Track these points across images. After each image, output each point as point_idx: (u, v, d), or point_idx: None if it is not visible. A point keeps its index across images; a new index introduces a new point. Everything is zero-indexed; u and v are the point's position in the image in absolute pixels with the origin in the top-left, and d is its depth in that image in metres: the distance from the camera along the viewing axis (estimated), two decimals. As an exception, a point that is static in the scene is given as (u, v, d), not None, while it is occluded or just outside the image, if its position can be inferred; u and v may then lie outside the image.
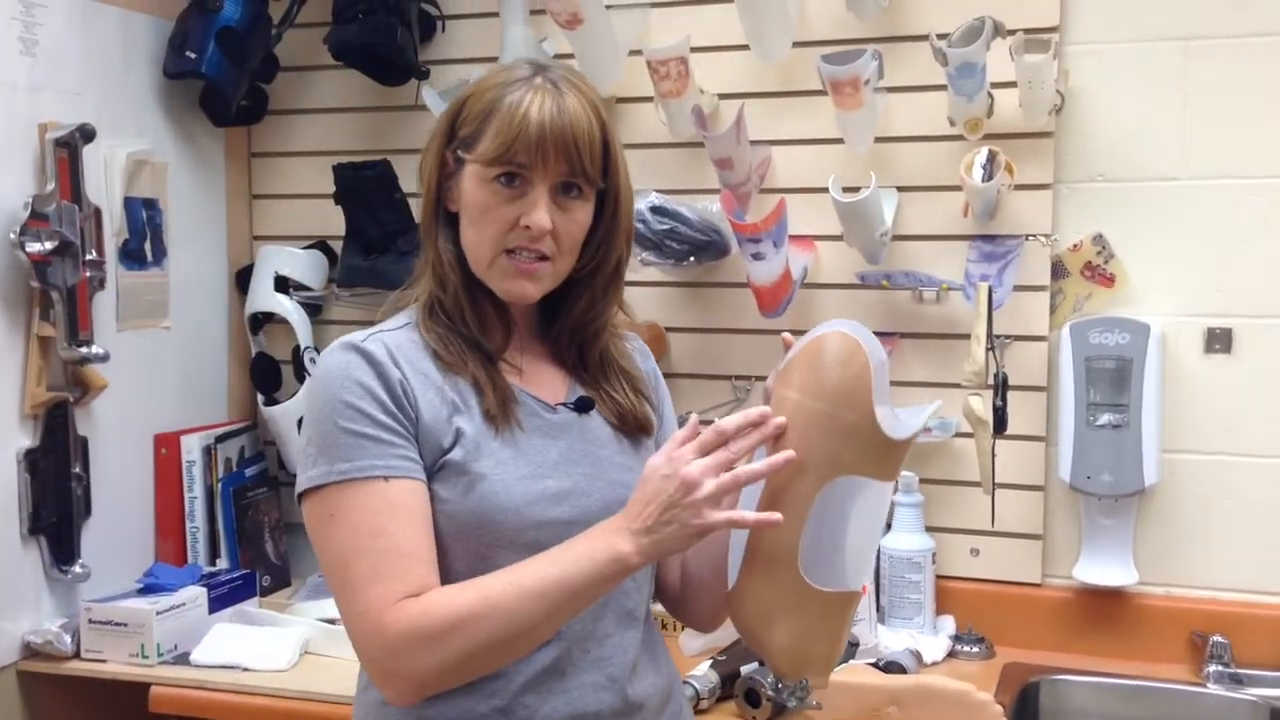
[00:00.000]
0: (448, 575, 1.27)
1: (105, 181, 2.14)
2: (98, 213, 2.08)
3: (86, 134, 2.03)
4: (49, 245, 1.96)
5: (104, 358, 2.05)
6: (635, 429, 1.40)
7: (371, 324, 1.37)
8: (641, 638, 1.36)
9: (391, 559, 1.23)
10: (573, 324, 1.38)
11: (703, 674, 1.80)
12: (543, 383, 1.37)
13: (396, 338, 1.31)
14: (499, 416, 1.30)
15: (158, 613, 1.97)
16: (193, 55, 2.23)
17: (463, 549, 1.28)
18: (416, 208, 2.33)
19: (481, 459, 1.28)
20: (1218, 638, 1.96)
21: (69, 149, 2.01)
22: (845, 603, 1.24)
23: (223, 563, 2.33)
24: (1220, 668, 1.95)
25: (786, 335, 1.34)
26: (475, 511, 1.27)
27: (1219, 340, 2.03)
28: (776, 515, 1.20)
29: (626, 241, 1.40)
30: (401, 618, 1.20)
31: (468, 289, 1.34)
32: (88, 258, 2.03)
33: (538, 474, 1.30)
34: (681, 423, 2.14)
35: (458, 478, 1.27)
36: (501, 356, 1.35)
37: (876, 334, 2.16)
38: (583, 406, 1.37)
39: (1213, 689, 1.93)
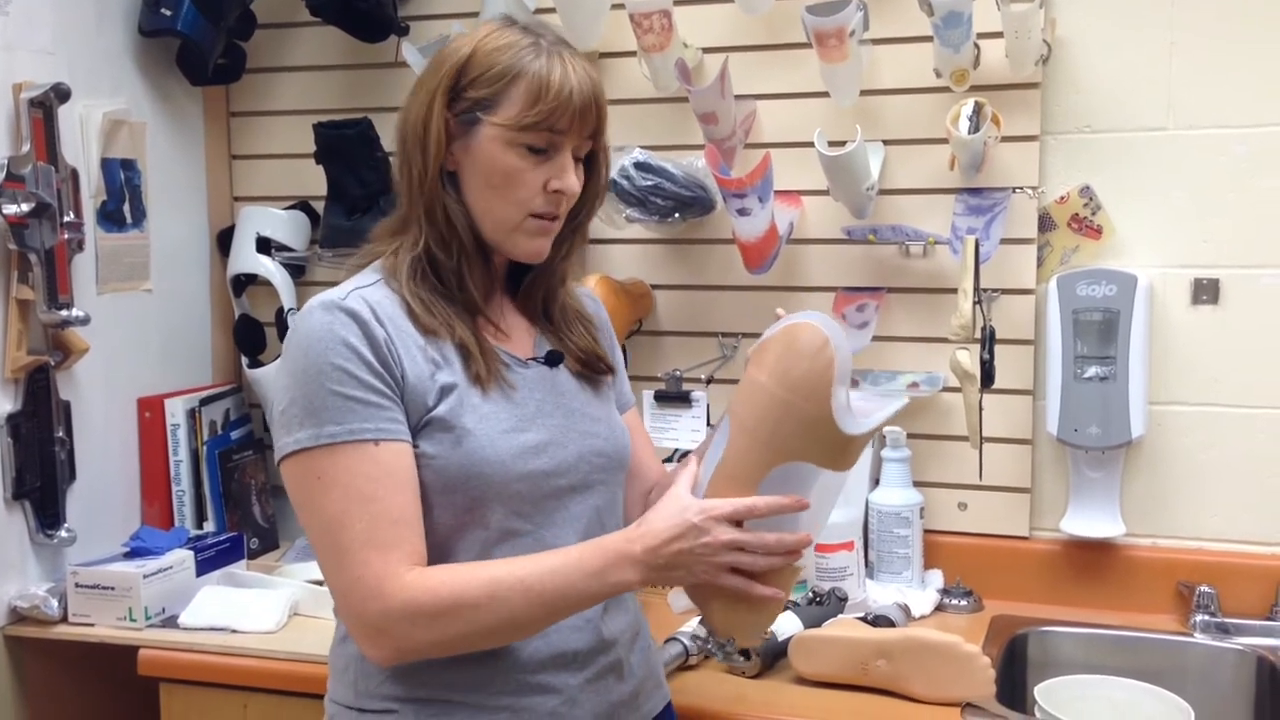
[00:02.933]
0: (433, 530, 1.30)
1: (82, 142, 2.11)
2: (74, 174, 2.06)
3: (61, 94, 1.99)
4: (25, 207, 1.93)
5: (85, 320, 2.03)
6: (598, 369, 1.47)
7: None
8: None
9: (386, 526, 1.25)
10: (545, 274, 1.44)
11: (692, 630, 1.80)
12: (515, 338, 1.41)
13: (374, 294, 1.32)
14: (486, 378, 1.33)
15: (145, 576, 1.96)
16: (168, 12, 2.20)
17: (449, 503, 1.30)
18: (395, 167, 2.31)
19: (465, 414, 1.30)
20: (1204, 587, 1.97)
21: (44, 109, 1.98)
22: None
23: (210, 526, 2.32)
24: (1207, 617, 1.96)
25: (779, 310, 1.41)
26: (463, 466, 1.29)
27: (1206, 291, 2.02)
28: (780, 594, 1.30)
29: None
30: (404, 589, 1.23)
31: (476, 251, 1.37)
32: (65, 219, 2.01)
33: (518, 427, 1.34)
34: (674, 379, 2.15)
35: (444, 434, 1.29)
36: (484, 314, 1.38)
37: (864, 289, 2.18)
38: (553, 360, 1.42)
39: (1200, 638, 1.94)
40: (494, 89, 1.31)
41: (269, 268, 2.36)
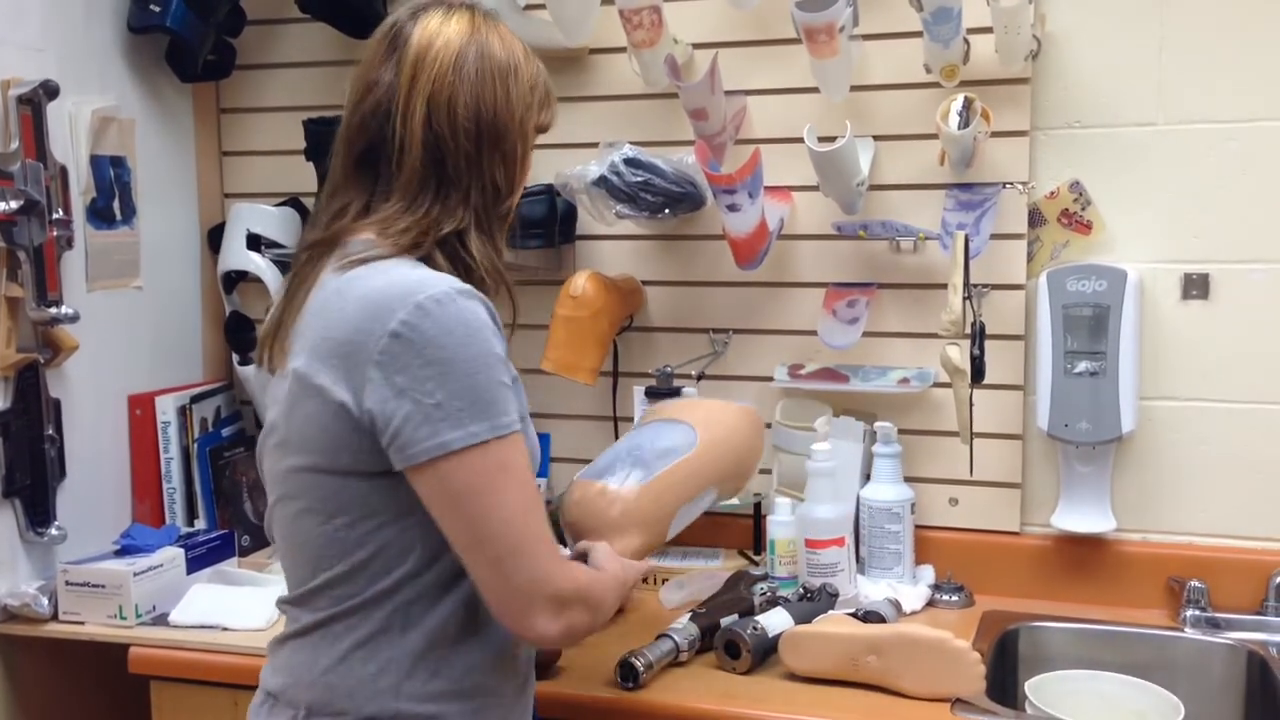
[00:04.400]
0: None
1: (71, 139, 2.10)
2: (64, 171, 2.05)
3: (50, 91, 1.99)
4: (14, 204, 1.93)
5: (74, 318, 2.02)
6: None
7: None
8: None
9: (544, 514, 1.32)
10: None
11: (682, 626, 1.80)
12: None
13: None
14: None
15: (135, 574, 1.96)
16: (157, 9, 2.19)
17: None
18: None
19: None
20: (1195, 582, 1.97)
21: (32, 106, 1.97)
22: (662, 539, 1.66)
23: (201, 523, 2.32)
24: (1197, 612, 1.96)
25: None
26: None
27: (1196, 286, 2.02)
28: None
29: None
30: (576, 573, 1.36)
31: None
32: (54, 217, 2.01)
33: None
34: (665, 375, 2.16)
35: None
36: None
37: (854, 284, 2.19)
38: None
39: (1190, 633, 1.94)
40: (536, 94, 1.41)
41: (260, 264, 2.35)
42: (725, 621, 1.81)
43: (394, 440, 1.25)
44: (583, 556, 1.51)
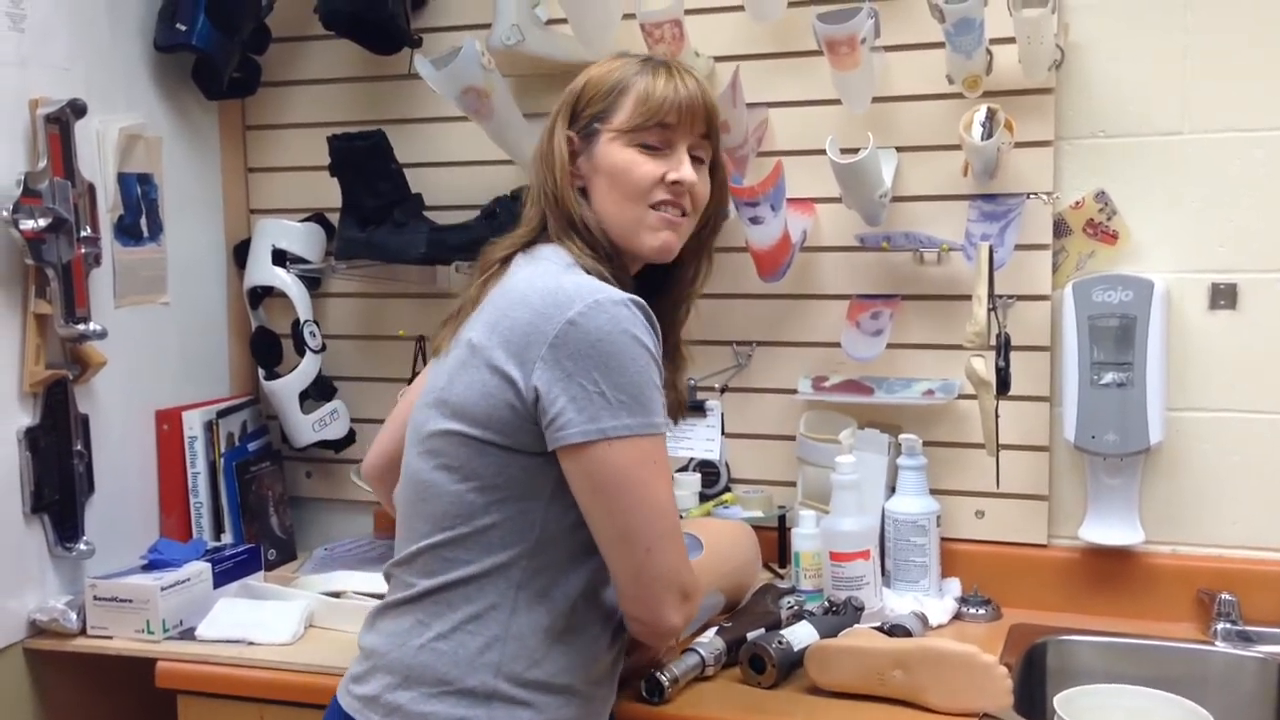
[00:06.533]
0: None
1: (98, 157, 2.12)
2: (91, 189, 2.07)
3: (78, 109, 2.01)
4: (43, 222, 1.95)
5: (102, 334, 2.04)
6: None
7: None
8: None
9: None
10: (674, 297, 1.58)
11: (708, 640, 1.79)
12: None
13: None
14: None
15: (162, 588, 1.97)
16: (183, 27, 2.21)
17: None
18: (414, 180, 2.32)
19: None
20: (1225, 595, 1.95)
21: (60, 125, 1.99)
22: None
23: (227, 538, 2.33)
24: (1228, 625, 1.94)
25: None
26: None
27: (1223, 296, 2.01)
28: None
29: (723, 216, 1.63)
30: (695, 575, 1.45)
31: (618, 256, 1.49)
32: (82, 234, 2.02)
33: None
34: (689, 388, 2.17)
35: None
36: None
37: (878, 296, 2.18)
38: None
39: (1220, 647, 1.92)
40: (607, 102, 1.48)
41: (285, 280, 2.37)
42: (750, 636, 1.80)
43: (555, 419, 1.34)
44: None
